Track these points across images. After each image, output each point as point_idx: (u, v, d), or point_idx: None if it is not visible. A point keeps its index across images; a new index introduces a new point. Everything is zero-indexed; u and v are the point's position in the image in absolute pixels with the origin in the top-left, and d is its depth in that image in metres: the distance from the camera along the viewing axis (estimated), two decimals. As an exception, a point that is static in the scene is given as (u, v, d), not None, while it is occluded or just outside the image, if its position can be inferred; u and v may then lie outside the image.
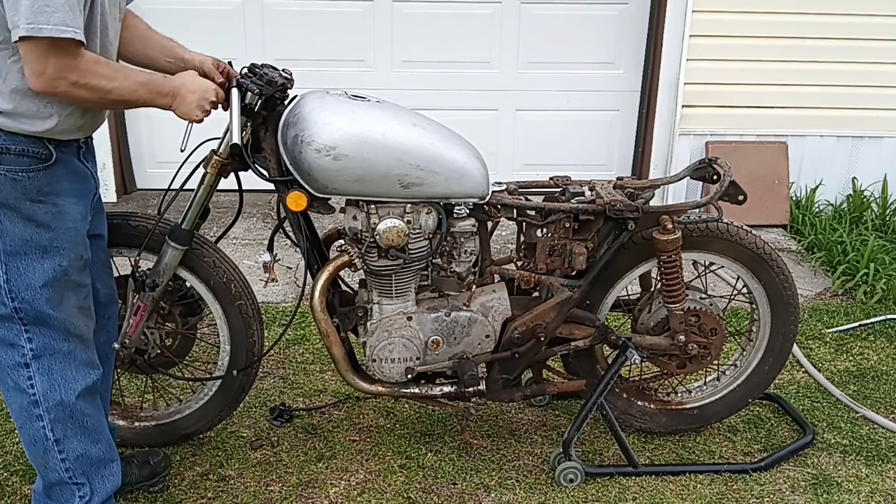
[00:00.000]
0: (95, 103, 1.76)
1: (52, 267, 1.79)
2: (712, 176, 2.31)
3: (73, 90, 1.66)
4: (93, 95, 1.70)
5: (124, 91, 1.75)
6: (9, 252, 1.75)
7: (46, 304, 1.80)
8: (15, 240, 1.75)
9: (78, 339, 1.88)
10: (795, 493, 2.31)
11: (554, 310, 2.27)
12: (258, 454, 2.44)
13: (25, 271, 1.77)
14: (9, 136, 1.70)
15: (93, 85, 1.68)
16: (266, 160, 2.12)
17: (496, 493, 2.29)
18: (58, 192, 1.79)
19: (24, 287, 1.77)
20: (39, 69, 1.61)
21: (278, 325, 3.22)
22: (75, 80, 1.65)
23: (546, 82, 4.70)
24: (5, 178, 1.71)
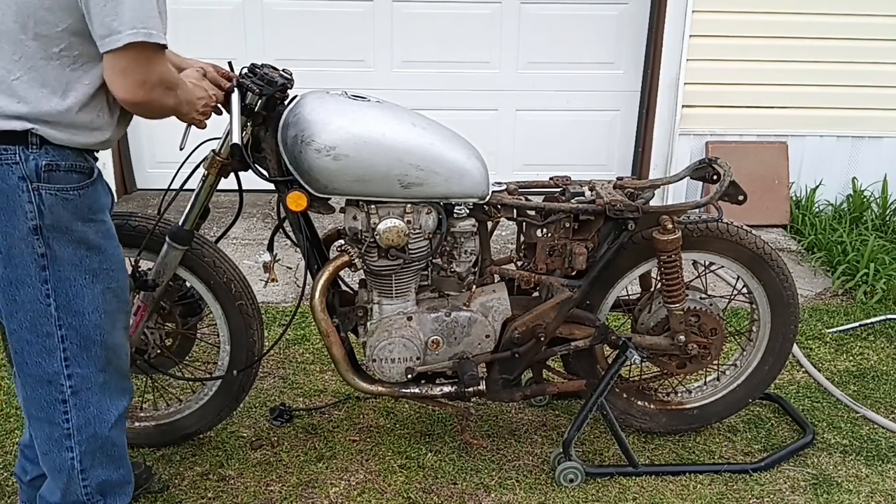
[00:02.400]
0: (169, 110, 1.69)
1: (103, 290, 1.70)
2: (712, 176, 2.31)
3: (165, 97, 1.61)
4: (175, 101, 1.66)
5: (179, 95, 1.70)
6: (59, 278, 1.64)
7: (95, 331, 1.70)
8: (64, 265, 1.63)
9: (115, 368, 1.79)
10: (795, 493, 2.31)
11: (554, 310, 2.27)
12: (258, 454, 2.44)
13: (75, 298, 1.66)
14: (57, 150, 1.60)
15: (173, 90, 1.65)
16: (266, 160, 2.12)
17: (496, 493, 2.29)
18: (103, 207, 1.71)
19: (72, 314, 1.67)
20: (143, 77, 1.54)
21: (278, 325, 3.22)
22: (169, 83, 1.62)
23: (546, 82, 4.71)
24: (56, 198, 1.60)
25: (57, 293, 1.64)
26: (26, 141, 1.57)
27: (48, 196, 1.59)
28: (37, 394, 1.73)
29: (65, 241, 1.62)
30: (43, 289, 1.63)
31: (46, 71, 1.56)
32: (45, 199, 1.59)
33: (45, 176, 1.59)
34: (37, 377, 1.71)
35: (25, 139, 1.57)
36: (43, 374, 1.70)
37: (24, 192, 1.57)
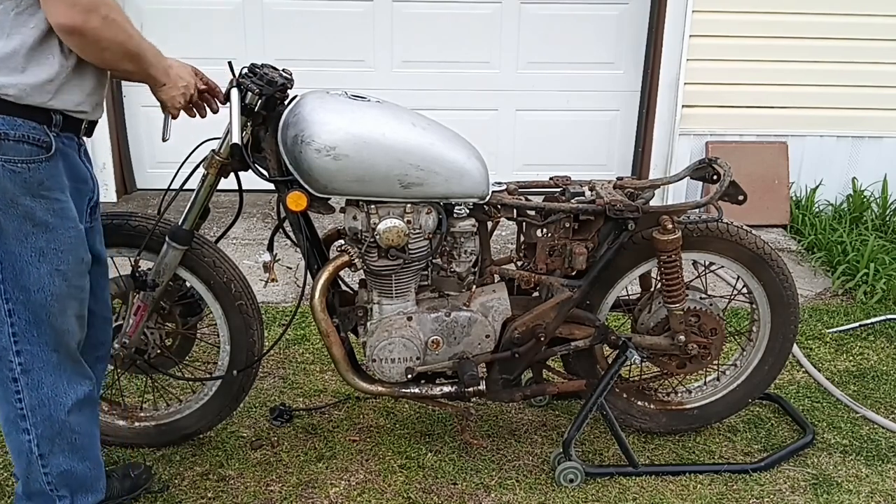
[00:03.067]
0: (111, 52, 1.60)
1: (50, 271, 1.66)
2: (712, 176, 2.31)
3: (103, 28, 1.54)
4: (116, 38, 1.58)
5: (140, 44, 1.65)
6: (4, 250, 1.62)
7: (42, 311, 1.68)
8: (9, 239, 1.61)
9: (67, 351, 1.77)
10: (795, 493, 2.31)
11: (554, 310, 2.27)
12: (258, 454, 2.44)
13: (21, 273, 1.64)
14: (7, 121, 1.56)
15: (120, 24, 1.58)
16: (266, 160, 2.12)
17: (496, 493, 2.29)
18: (60, 186, 1.65)
19: (19, 289, 1.65)
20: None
21: (278, 325, 3.22)
22: (106, 13, 1.54)
23: (546, 82, 4.71)
24: (3, 168, 1.57)
25: (3, 265, 1.63)
26: None
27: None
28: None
29: (11, 215, 1.60)
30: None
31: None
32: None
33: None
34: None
35: None
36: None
37: None
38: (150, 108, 4.70)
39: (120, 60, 1.66)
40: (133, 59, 1.68)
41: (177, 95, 1.83)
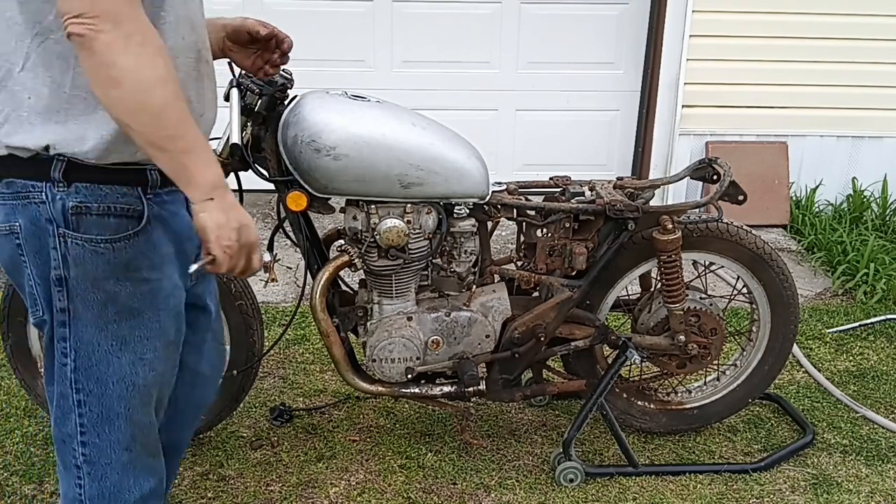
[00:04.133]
0: (124, 91, 1.20)
1: (132, 360, 1.42)
2: (712, 176, 2.31)
3: (120, 48, 1.18)
4: (137, 71, 1.19)
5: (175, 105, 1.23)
6: (79, 339, 1.38)
7: (119, 404, 1.44)
8: (86, 326, 1.37)
9: (142, 446, 1.52)
10: (795, 493, 2.31)
11: (554, 310, 2.27)
12: (258, 454, 2.44)
13: (98, 364, 1.40)
14: (89, 190, 1.31)
15: (150, 55, 1.21)
16: (266, 160, 2.12)
17: (496, 493, 2.29)
18: (152, 263, 1.39)
19: (94, 381, 1.41)
20: (78, 7, 1.17)
21: (278, 325, 3.22)
22: (132, 31, 1.19)
23: (546, 82, 4.71)
24: (84, 249, 1.32)
25: (77, 354, 1.39)
26: (49, 174, 1.30)
27: (75, 246, 1.32)
28: (59, 448, 1.52)
29: (90, 301, 1.35)
30: (60, 346, 1.40)
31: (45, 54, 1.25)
32: (71, 250, 1.32)
33: (73, 221, 1.31)
34: (60, 433, 1.49)
35: (48, 171, 1.29)
36: (58, 433, 1.49)
37: (50, 237, 1.32)
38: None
39: (132, 109, 1.22)
40: (154, 118, 1.23)
41: (223, 224, 1.30)
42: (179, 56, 1.36)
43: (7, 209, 1.34)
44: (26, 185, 1.32)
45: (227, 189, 1.30)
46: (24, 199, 1.32)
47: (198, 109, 1.42)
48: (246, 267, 1.34)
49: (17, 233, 1.34)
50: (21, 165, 1.31)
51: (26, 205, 1.33)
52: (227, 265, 1.31)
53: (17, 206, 1.33)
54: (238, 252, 1.31)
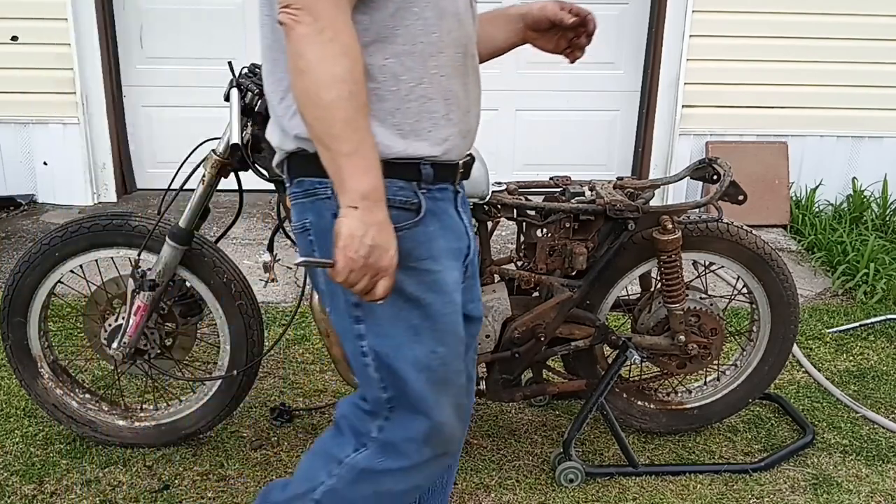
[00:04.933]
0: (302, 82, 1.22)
1: (426, 353, 1.39)
2: (712, 176, 2.31)
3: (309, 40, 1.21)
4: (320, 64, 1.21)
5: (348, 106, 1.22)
6: (375, 334, 1.38)
7: (421, 403, 1.41)
8: (382, 320, 1.37)
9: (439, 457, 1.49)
10: (795, 493, 2.31)
11: (554, 310, 2.27)
12: (258, 454, 2.44)
13: (395, 358, 1.38)
14: None
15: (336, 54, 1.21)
16: (266, 160, 2.12)
17: (496, 493, 2.29)
18: (431, 255, 1.38)
19: (396, 378, 1.40)
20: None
21: (278, 325, 3.22)
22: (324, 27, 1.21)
23: (546, 82, 4.71)
24: None
25: (377, 350, 1.39)
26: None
27: None
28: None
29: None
30: (361, 346, 1.40)
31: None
32: None
33: None
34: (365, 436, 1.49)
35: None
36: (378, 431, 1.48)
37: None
38: (151, 107, 4.71)
39: (306, 102, 1.24)
40: (322, 114, 1.23)
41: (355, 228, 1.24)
42: (446, 51, 1.36)
43: (300, 207, 1.40)
44: (313, 182, 1.37)
45: (380, 205, 1.26)
46: (313, 195, 1.37)
47: (464, 105, 1.41)
48: (367, 288, 1.28)
49: (309, 229, 1.39)
50: (308, 163, 1.35)
51: (314, 201, 1.38)
52: (343, 276, 1.26)
53: (307, 204, 1.39)
54: (361, 269, 1.25)
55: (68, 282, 2.37)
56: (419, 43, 1.32)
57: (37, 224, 4.32)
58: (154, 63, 4.62)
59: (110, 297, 2.32)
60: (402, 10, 1.30)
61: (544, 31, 1.69)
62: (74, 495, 2.24)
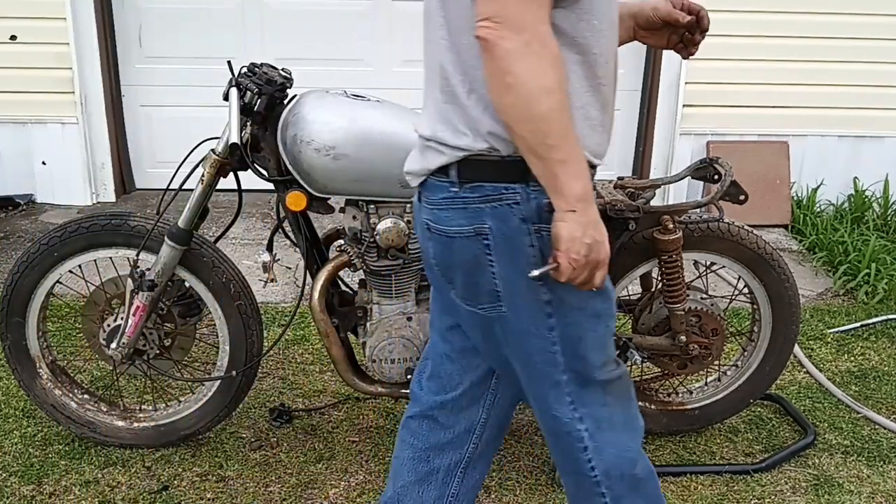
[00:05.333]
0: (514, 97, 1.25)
1: (604, 331, 1.50)
2: (713, 176, 2.30)
3: (518, 56, 1.22)
4: (531, 79, 1.23)
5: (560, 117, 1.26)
6: (564, 324, 1.45)
7: (594, 372, 1.51)
8: (571, 310, 1.45)
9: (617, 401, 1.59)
10: (797, 494, 2.31)
11: (554, 310, 2.26)
12: (258, 455, 2.43)
13: (579, 342, 1.47)
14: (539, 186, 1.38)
15: (544, 67, 1.23)
16: (265, 160, 2.11)
17: (496, 494, 2.28)
18: None
19: (577, 359, 1.48)
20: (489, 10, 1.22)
21: (278, 325, 3.21)
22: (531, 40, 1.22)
23: (546, 82, 4.70)
24: None
25: (563, 339, 1.46)
26: (527, 176, 1.35)
27: (548, 238, 1.37)
28: (560, 450, 1.59)
29: (571, 285, 1.39)
30: (550, 336, 1.46)
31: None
32: (547, 242, 1.37)
33: (546, 216, 1.36)
34: (557, 433, 1.56)
35: (525, 171, 1.34)
36: (561, 427, 1.55)
37: (526, 236, 1.38)
38: (150, 107, 4.70)
39: (517, 117, 1.26)
40: (538, 126, 1.26)
41: (572, 249, 1.32)
42: (610, 60, 1.43)
43: (471, 212, 1.39)
44: (497, 187, 1.37)
45: (592, 204, 1.32)
46: (497, 200, 1.38)
47: (611, 112, 1.47)
48: (587, 280, 1.37)
49: (487, 234, 1.39)
50: (492, 170, 1.37)
51: (497, 206, 1.38)
52: (567, 275, 1.34)
53: (486, 209, 1.38)
54: (583, 266, 1.34)
55: (67, 282, 2.37)
56: (592, 53, 1.37)
57: (35, 224, 4.32)
58: (153, 62, 4.61)
59: (109, 298, 2.31)
60: (583, 22, 1.34)
61: (657, 29, 1.71)
62: (73, 496, 2.23)
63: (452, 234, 1.42)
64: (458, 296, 1.51)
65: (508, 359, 1.54)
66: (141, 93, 4.67)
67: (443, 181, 1.41)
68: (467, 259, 1.43)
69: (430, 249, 1.49)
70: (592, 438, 1.55)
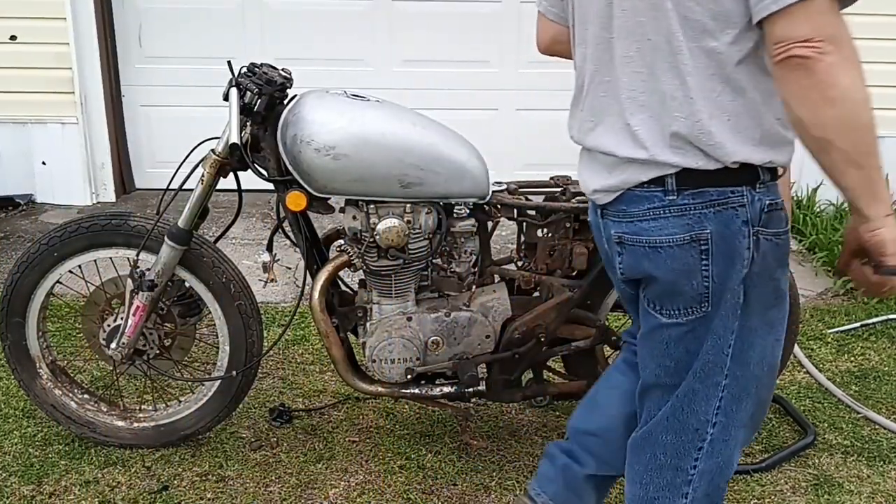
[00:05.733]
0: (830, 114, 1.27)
1: (772, 342, 1.54)
2: (713, 176, 2.30)
3: (839, 68, 1.23)
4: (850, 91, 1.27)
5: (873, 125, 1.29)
6: (743, 328, 1.48)
7: (752, 383, 1.54)
8: (753, 316, 1.48)
9: (755, 423, 1.64)
10: (796, 494, 2.31)
11: (554, 310, 2.26)
12: (258, 455, 2.43)
13: (749, 349, 1.51)
14: (772, 188, 1.45)
15: (859, 74, 1.27)
16: (265, 160, 2.11)
17: (496, 494, 2.28)
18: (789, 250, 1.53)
19: (741, 364, 1.51)
20: (806, 31, 1.22)
21: (278, 325, 3.21)
22: (844, 46, 1.24)
23: (546, 82, 4.70)
24: (770, 243, 1.45)
25: (735, 344, 1.49)
26: (756, 177, 1.41)
27: (764, 242, 1.43)
28: (675, 440, 1.59)
29: (762, 291, 1.45)
30: (728, 339, 1.49)
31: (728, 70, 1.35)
32: (761, 245, 1.43)
33: (764, 218, 1.43)
34: (685, 425, 1.58)
35: (756, 175, 1.40)
36: (694, 423, 1.57)
37: (744, 238, 1.42)
38: (149, 107, 4.70)
39: (842, 128, 1.28)
40: (862, 136, 1.30)
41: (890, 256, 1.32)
42: None
43: (690, 219, 1.42)
44: (723, 191, 1.40)
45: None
46: (722, 205, 1.41)
47: None
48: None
49: (706, 240, 1.42)
50: (717, 175, 1.40)
51: (720, 211, 1.41)
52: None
53: (708, 214, 1.41)
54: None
55: (67, 282, 2.37)
56: None
57: (35, 224, 4.32)
58: (153, 62, 4.61)
59: (109, 298, 2.31)
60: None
61: None
62: (73, 496, 2.23)
63: (659, 244, 1.44)
64: (649, 304, 1.53)
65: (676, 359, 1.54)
66: (141, 93, 4.67)
67: (652, 191, 1.44)
68: (674, 268, 1.45)
69: (623, 262, 1.51)
70: (712, 444, 1.57)
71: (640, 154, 1.43)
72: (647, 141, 1.42)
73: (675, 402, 1.58)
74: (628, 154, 1.45)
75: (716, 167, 1.39)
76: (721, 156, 1.38)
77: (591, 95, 1.53)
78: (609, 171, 1.50)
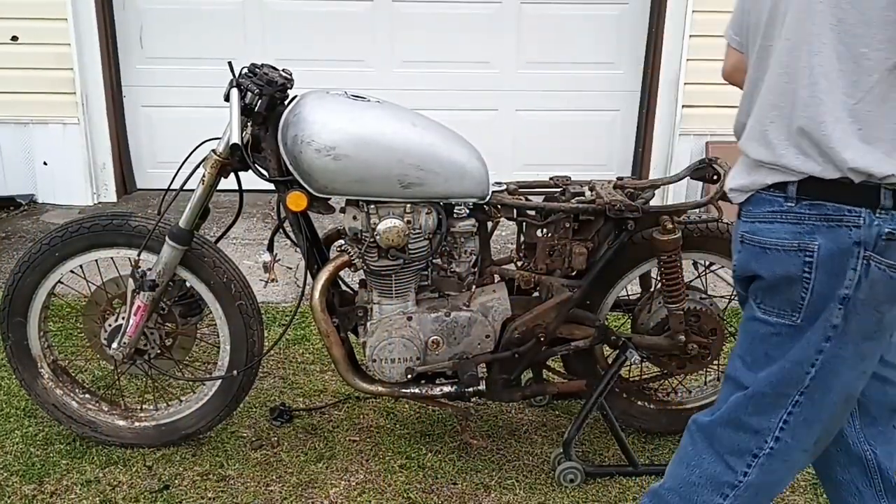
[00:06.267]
0: None
1: (858, 375, 1.49)
2: (712, 176, 2.31)
3: None
4: None
5: None
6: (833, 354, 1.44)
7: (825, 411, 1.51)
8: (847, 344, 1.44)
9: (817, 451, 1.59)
10: (796, 494, 2.31)
11: (554, 310, 2.27)
12: (258, 454, 2.44)
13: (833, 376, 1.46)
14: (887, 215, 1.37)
15: None
16: (266, 160, 2.12)
17: (496, 494, 2.29)
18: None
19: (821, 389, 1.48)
20: None
21: (278, 325, 3.22)
22: None
23: (546, 82, 4.71)
24: (883, 274, 1.38)
25: (822, 366, 1.46)
26: (876, 201, 1.37)
27: (876, 269, 1.38)
28: (733, 436, 1.58)
29: (863, 320, 1.41)
30: (813, 357, 1.46)
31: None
32: (871, 272, 1.38)
33: (881, 246, 1.37)
34: (744, 425, 1.56)
35: (877, 198, 1.36)
36: (754, 425, 1.55)
37: (853, 258, 1.38)
38: (150, 108, 4.71)
39: None
40: None
41: None
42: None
43: (803, 228, 1.42)
44: (840, 208, 1.38)
45: None
46: (837, 221, 1.39)
47: None
48: None
49: (813, 252, 1.41)
50: (838, 191, 1.38)
51: (833, 227, 1.39)
52: None
53: (821, 227, 1.40)
54: None
55: (68, 282, 2.37)
56: None
57: (37, 224, 4.33)
58: (154, 63, 4.62)
59: (110, 298, 2.32)
60: None
61: None
62: (74, 495, 2.24)
63: (768, 246, 1.46)
64: (752, 295, 1.54)
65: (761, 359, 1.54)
66: (142, 93, 4.68)
67: (775, 195, 1.44)
68: (777, 272, 1.45)
69: (738, 260, 1.53)
70: (770, 459, 1.55)
71: (765, 156, 1.44)
72: (774, 139, 1.43)
73: (741, 400, 1.56)
74: (757, 156, 1.47)
75: (834, 176, 1.37)
76: (839, 162, 1.36)
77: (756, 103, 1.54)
78: (747, 172, 1.51)
